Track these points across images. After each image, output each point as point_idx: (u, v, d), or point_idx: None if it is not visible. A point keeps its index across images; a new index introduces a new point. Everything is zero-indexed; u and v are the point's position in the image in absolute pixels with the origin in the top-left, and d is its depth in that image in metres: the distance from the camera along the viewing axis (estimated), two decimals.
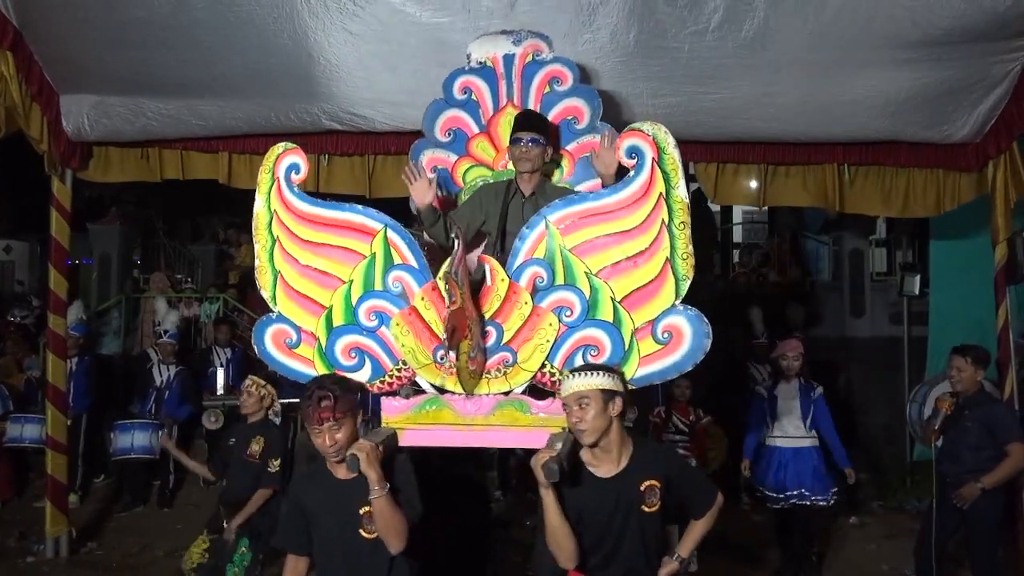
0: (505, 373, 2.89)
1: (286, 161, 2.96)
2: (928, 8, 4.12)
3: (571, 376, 2.62)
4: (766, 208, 9.13)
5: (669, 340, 2.81)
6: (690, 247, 2.77)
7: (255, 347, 3.10)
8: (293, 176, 2.96)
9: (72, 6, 4.35)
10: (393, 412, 2.96)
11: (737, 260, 11.53)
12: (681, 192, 2.77)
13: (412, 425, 2.95)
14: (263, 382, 4.34)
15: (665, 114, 4.77)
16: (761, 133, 5.28)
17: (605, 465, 2.65)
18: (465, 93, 3.73)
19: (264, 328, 3.05)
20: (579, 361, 2.86)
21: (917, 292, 7.66)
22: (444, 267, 2.76)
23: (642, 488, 2.62)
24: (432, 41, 4.32)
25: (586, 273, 2.83)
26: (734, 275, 10.79)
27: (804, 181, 5.73)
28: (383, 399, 2.99)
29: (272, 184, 2.97)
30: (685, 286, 2.78)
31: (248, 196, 6.54)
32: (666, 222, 2.77)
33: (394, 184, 5.67)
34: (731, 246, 11.78)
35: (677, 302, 2.80)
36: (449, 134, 3.77)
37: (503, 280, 2.84)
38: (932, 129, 5.19)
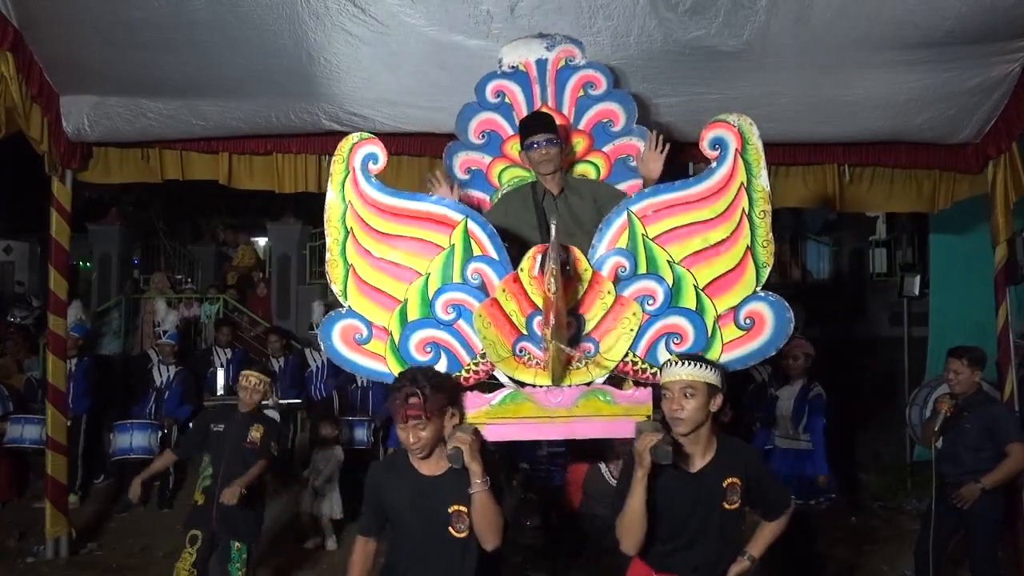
0: (587, 364, 2.87)
1: (363, 151, 2.88)
2: (930, 10, 4.12)
3: (680, 363, 2.60)
4: None
5: (752, 326, 2.84)
6: (770, 235, 2.82)
7: (321, 343, 2.96)
8: (371, 166, 2.89)
9: (72, 7, 4.34)
10: (473, 407, 2.91)
11: None
12: (763, 181, 2.82)
13: (493, 420, 2.89)
14: (260, 374, 4.38)
15: (666, 115, 4.78)
16: (762, 134, 5.27)
17: (689, 459, 2.64)
18: (498, 96, 3.77)
19: (332, 324, 2.93)
20: (662, 350, 2.86)
21: (917, 293, 7.66)
22: (531, 255, 2.77)
23: (724, 485, 2.62)
24: (432, 43, 4.33)
25: (668, 262, 2.85)
26: None
27: (805, 181, 5.73)
28: (464, 394, 2.93)
29: (347, 174, 2.87)
30: (766, 273, 2.82)
31: (248, 197, 6.55)
32: (747, 211, 2.82)
33: (393, 185, 5.67)
34: None
35: (758, 288, 2.84)
36: (483, 136, 3.81)
37: (586, 270, 2.82)
38: (933, 130, 5.20)
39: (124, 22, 4.35)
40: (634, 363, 2.91)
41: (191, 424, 4.35)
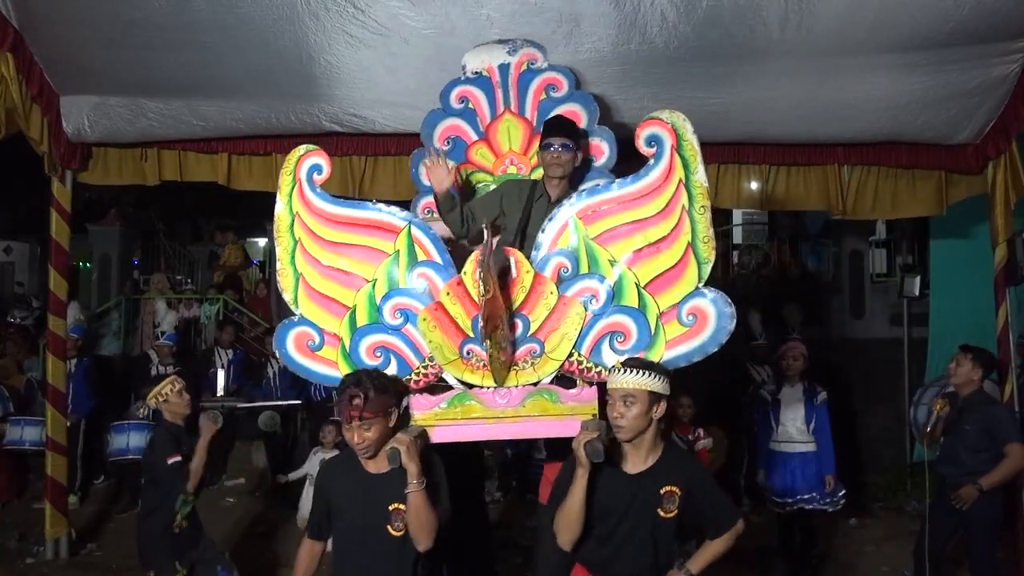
0: (533, 364, 2.92)
1: (308, 162, 2.95)
2: (932, 14, 4.12)
3: (621, 371, 2.61)
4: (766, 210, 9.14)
5: (694, 322, 2.86)
6: (711, 231, 2.83)
7: (276, 351, 3.07)
8: (315, 177, 2.96)
9: (72, 7, 4.34)
10: (422, 409, 2.97)
11: (736, 261, 11.52)
12: (700, 177, 2.84)
13: (441, 421, 2.95)
14: (176, 376, 4.22)
15: None
16: (763, 136, 5.29)
17: (630, 461, 2.65)
18: (462, 102, 3.83)
19: (286, 332, 3.00)
20: (606, 348, 2.89)
21: (917, 293, 7.66)
22: (474, 258, 2.81)
23: (662, 492, 2.62)
24: (431, 45, 4.34)
25: (610, 261, 2.87)
26: (733, 276, 10.78)
27: (806, 184, 5.73)
28: (411, 397, 2.99)
29: (294, 186, 2.95)
30: (707, 269, 2.84)
31: (247, 197, 6.55)
32: (687, 207, 2.83)
33: (392, 186, 5.69)
34: (730, 247, 11.77)
35: (700, 285, 2.85)
36: (448, 142, 3.85)
37: (528, 272, 2.88)
38: (933, 131, 5.21)
39: (124, 22, 4.35)
40: (579, 362, 2.94)
41: (172, 459, 3.98)
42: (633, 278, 2.87)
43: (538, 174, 3.72)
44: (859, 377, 8.30)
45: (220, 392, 7.44)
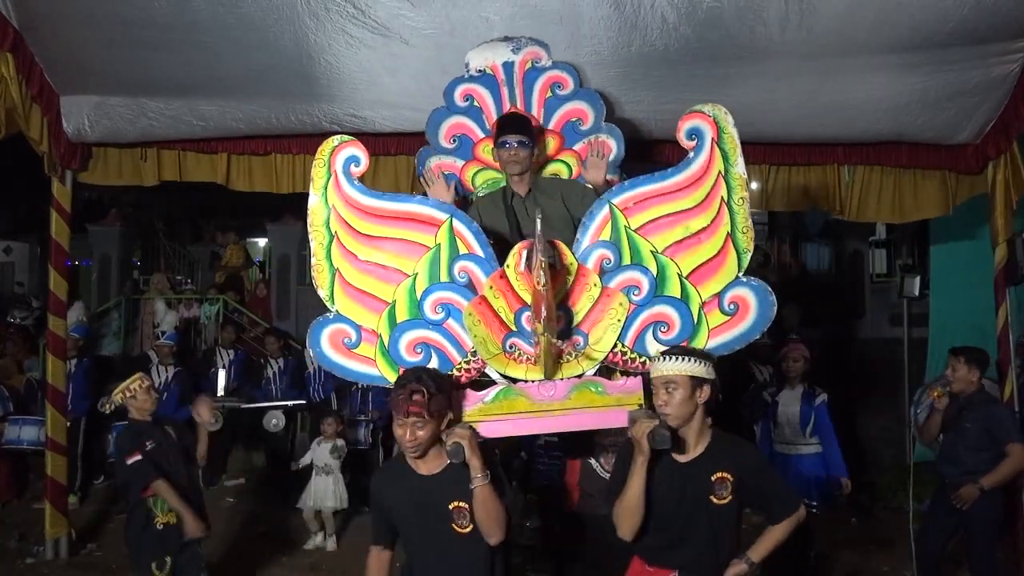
0: (577, 356, 2.90)
1: (344, 153, 2.87)
2: (932, 14, 4.12)
3: (661, 359, 2.63)
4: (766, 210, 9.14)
5: (736, 311, 2.89)
6: (749, 221, 2.88)
7: (310, 350, 2.97)
8: (352, 169, 2.88)
9: (73, 7, 4.34)
10: (467, 405, 2.92)
11: None
12: (740, 169, 2.87)
13: (487, 417, 2.90)
14: (144, 374, 4.24)
15: (666, 119, 4.78)
16: (763, 136, 5.29)
17: (683, 447, 2.66)
18: (467, 100, 3.80)
19: (320, 329, 2.92)
20: (650, 339, 2.89)
21: (917, 293, 7.66)
22: (517, 250, 2.83)
23: (712, 479, 2.62)
24: (432, 46, 4.34)
25: (652, 252, 2.89)
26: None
27: (806, 184, 5.73)
28: (459, 393, 2.95)
29: (329, 178, 2.87)
30: (747, 258, 2.89)
31: (247, 197, 6.55)
32: (725, 199, 2.87)
33: (392, 186, 5.69)
34: None
35: (740, 274, 2.90)
36: (454, 140, 3.82)
37: (572, 262, 2.87)
38: (933, 131, 5.21)
39: (125, 22, 4.35)
40: (623, 353, 2.94)
41: (131, 458, 3.99)
42: (676, 268, 2.89)
43: (549, 170, 3.76)
44: (859, 377, 8.30)
45: (220, 392, 7.44)
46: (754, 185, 5.86)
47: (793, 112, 4.95)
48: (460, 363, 2.91)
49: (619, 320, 2.86)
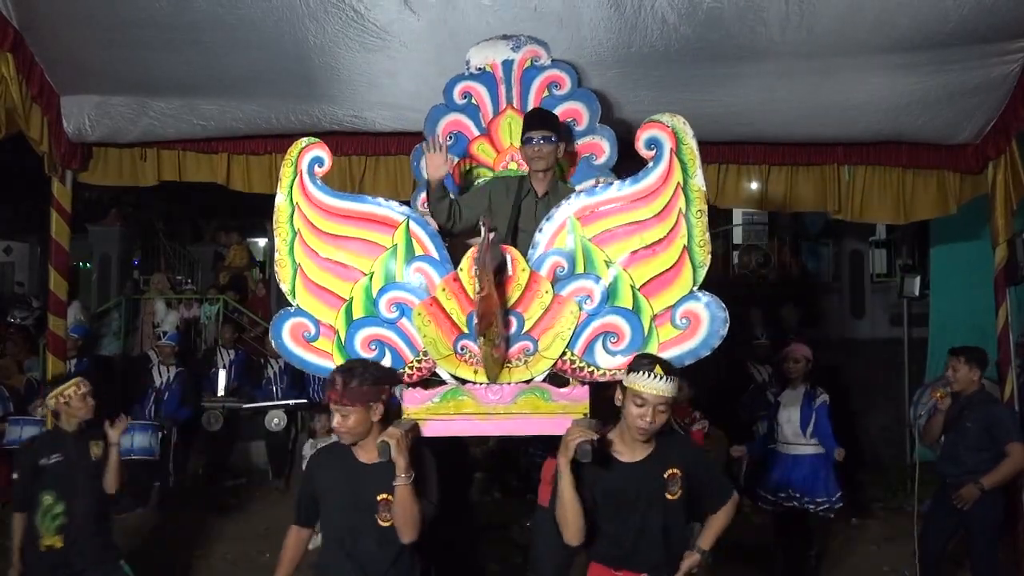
0: (526, 362, 2.95)
1: (309, 154, 3.02)
2: (932, 14, 4.12)
3: (662, 378, 2.58)
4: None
5: (687, 326, 2.87)
6: (707, 235, 2.84)
7: (272, 341, 3.11)
8: (316, 169, 3.01)
9: (73, 7, 4.34)
10: (415, 403, 3.00)
11: (737, 261, 11.52)
12: (699, 181, 2.84)
13: (434, 416, 2.98)
14: (83, 380, 3.86)
15: None
16: (763, 136, 5.29)
17: (630, 452, 2.68)
18: (465, 98, 3.83)
19: (282, 322, 3.06)
20: (599, 349, 2.90)
21: (917, 293, 7.67)
22: (470, 254, 2.86)
23: (665, 476, 2.66)
24: (431, 48, 4.34)
25: (606, 262, 2.89)
26: (734, 276, 10.78)
27: (806, 184, 5.73)
28: (404, 390, 3.04)
29: (295, 177, 3.02)
30: (702, 273, 2.84)
31: (248, 197, 6.56)
32: (683, 211, 2.84)
33: (392, 186, 5.69)
34: (731, 247, 11.77)
35: (695, 288, 2.86)
36: (450, 137, 3.85)
37: (524, 270, 2.91)
38: (933, 131, 5.21)
39: (125, 22, 4.34)
40: (572, 361, 2.96)
41: (15, 471, 3.77)
42: (628, 279, 2.88)
43: None
44: (859, 377, 8.32)
45: (221, 392, 7.44)
46: (754, 185, 5.86)
47: (793, 112, 4.95)
48: (412, 361, 3.01)
49: (569, 328, 2.89)
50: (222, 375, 7.58)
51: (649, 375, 2.59)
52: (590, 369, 2.96)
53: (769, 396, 5.45)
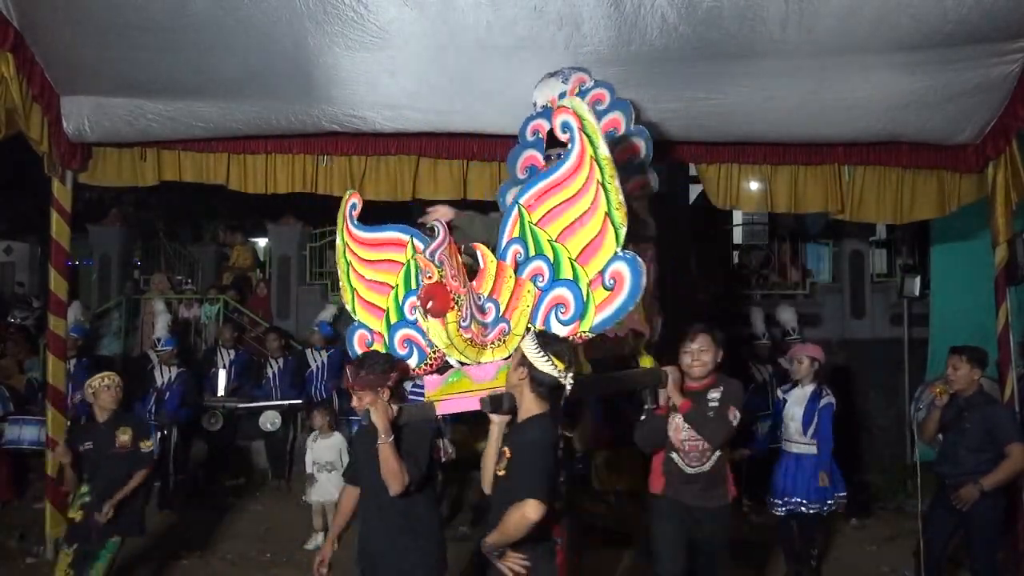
0: (503, 341, 3.26)
1: (350, 202, 3.67)
2: (931, 14, 4.13)
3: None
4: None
5: (614, 285, 3.01)
6: (621, 197, 2.98)
7: (348, 348, 3.68)
8: (353, 212, 3.65)
9: (73, 8, 4.35)
10: (431, 387, 3.50)
11: (737, 261, 11.51)
12: (603, 151, 2.99)
13: (444, 396, 3.44)
14: (114, 373, 4.43)
15: (665, 118, 4.79)
16: (763, 136, 5.29)
17: None
18: (535, 135, 4.10)
19: (352, 333, 3.70)
20: (554, 321, 3.12)
21: (917, 293, 7.66)
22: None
23: (502, 450, 2.99)
24: (431, 48, 4.34)
25: (549, 241, 3.14)
26: (734, 276, 10.76)
27: (807, 185, 5.73)
28: (426, 377, 3.52)
29: (343, 222, 3.65)
30: (623, 233, 2.97)
31: (249, 197, 6.54)
32: (600, 180, 2.99)
33: (392, 186, 5.70)
34: (731, 247, 11.76)
35: (618, 249, 2.99)
36: (526, 171, 4.11)
37: (492, 261, 3.25)
38: (933, 131, 5.21)
39: (125, 23, 4.35)
40: None
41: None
42: (566, 252, 3.09)
43: None
44: (859, 377, 8.30)
45: (220, 392, 7.44)
46: (755, 185, 5.86)
47: (793, 112, 4.95)
48: (430, 353, 3.46)
49: (529, 306, 3.18)
50: (222, 375, 7.57)
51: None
52: None
53: (779, 393, 5.45)
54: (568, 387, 2.88)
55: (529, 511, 2.63)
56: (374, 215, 3.86)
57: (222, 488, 7.46)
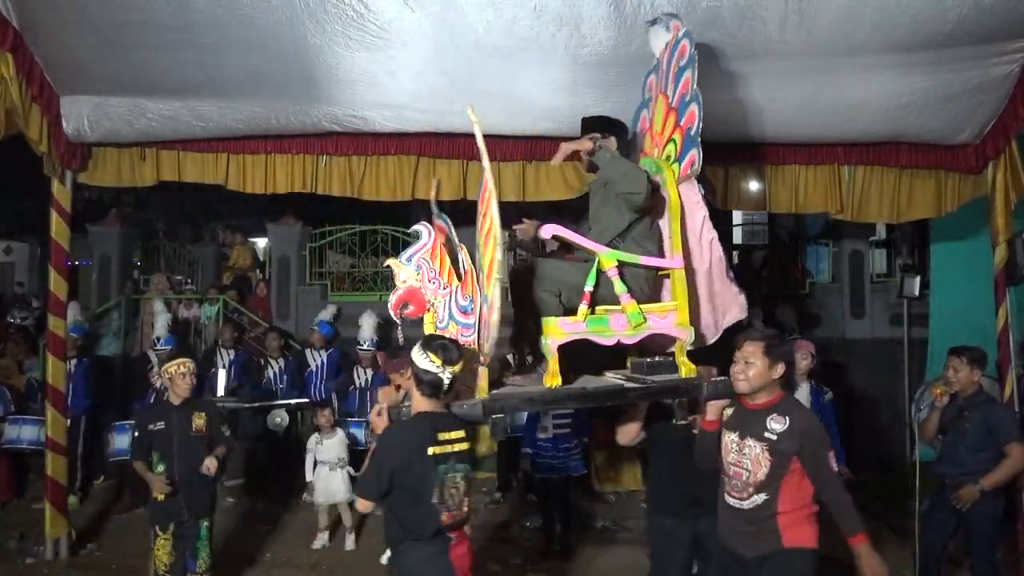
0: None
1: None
2: (931, 14, 4.12)
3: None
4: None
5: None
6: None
7: None
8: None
9: (73, 7, 4.34)
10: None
11: (737, 262, 11.52)
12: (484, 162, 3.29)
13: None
14: (188, 359, 4.58)
15: None
16: (763, 136, 5.29)
17: None
18: (649, 92, 3.99)
19: None
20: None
21: (917, 293, 7.66)
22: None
23: None
24: (431, 48, 4.34)
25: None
26: (732, 277, 10.74)
27: (807, 185, 5.73)
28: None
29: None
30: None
31: (248, 197, 6.53)
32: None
33: (392, 186, 5.70)
34: (731, 248, 11.77)
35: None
36: (642, 132, 4.05)
37: (471, 268, 3.35)
38: (933, 131, 5.21)
39: (125, 23, 4.35)
40: None
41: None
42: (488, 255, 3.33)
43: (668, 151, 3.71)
44: (859, 377, 8.31)
45: (221, 392, 7.43)
46: (755, 185, 5.86)
47: (793, 112, 4.96)
48: None
49: None
50: (222, 375, 7.56)
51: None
52: None
53: None
54: (446, 382, 3.00)
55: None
56: (375, 214, 3.85)
57: (223, 488, 7.45)
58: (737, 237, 12.63)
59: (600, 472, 7.05)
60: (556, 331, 3.23)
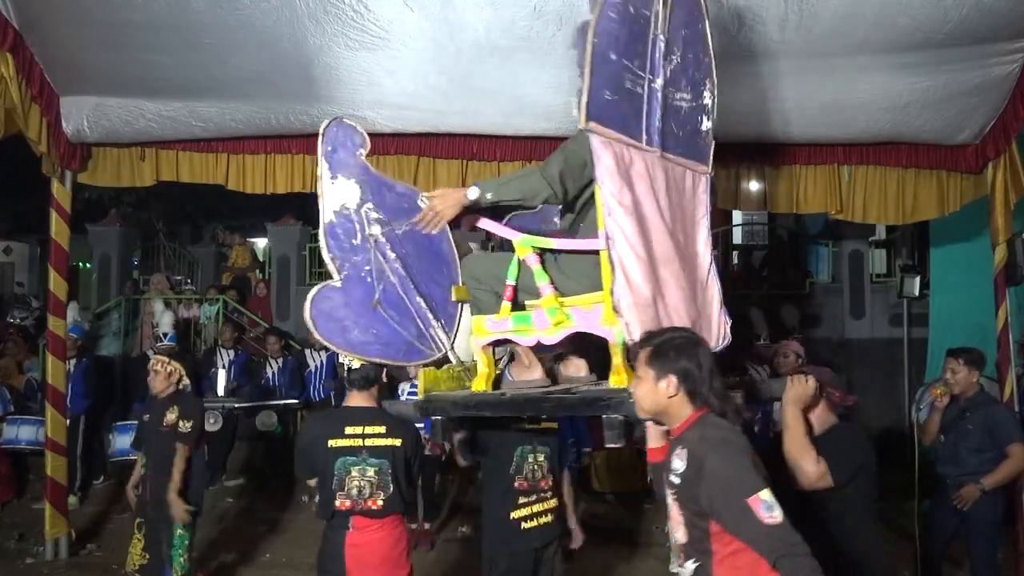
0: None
1: None
2: (930, 14, 4.12)
3: None
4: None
5: None
6: None
7: None
8: None
9: (73, 8, 4.34)
10: None
11: (737, 262, 11.52)
12: None
13: None
14: (167, 359, 4.42)
15: None
16: (763, 137, 5.29)
17: None
18: None
19: None
20: None
21: (917, 294, 7.66)
22: None
23: None
24: (430, 48, 4.34)
25: None
26: (733, 277, 10.77)
27: (808, 185, 5.73)
28: None
29: None
30: None
31: (248, 197, 6.52)
32: None
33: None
34: (731, 248, 11.76)
35: None
36: None
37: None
38: (933, 131, 5.21)
39: (125, 23, 4.34)
40: None
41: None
42: None
43: None
44: (859, 377, 8.31)
45: (220, 392, 7.44)
46: (755, 185, 5.86)
47: (793, 112, 4.95)
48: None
49: None
50: (222, 375, 7.57)
51: None
52: None
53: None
54: (347, 369, 3.19)
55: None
56: None
57: (222, 488, 7.45)
58: (737, 236, 12.64)
59: (600, 472, 7.04)
60: (482, 330, 2.88)
